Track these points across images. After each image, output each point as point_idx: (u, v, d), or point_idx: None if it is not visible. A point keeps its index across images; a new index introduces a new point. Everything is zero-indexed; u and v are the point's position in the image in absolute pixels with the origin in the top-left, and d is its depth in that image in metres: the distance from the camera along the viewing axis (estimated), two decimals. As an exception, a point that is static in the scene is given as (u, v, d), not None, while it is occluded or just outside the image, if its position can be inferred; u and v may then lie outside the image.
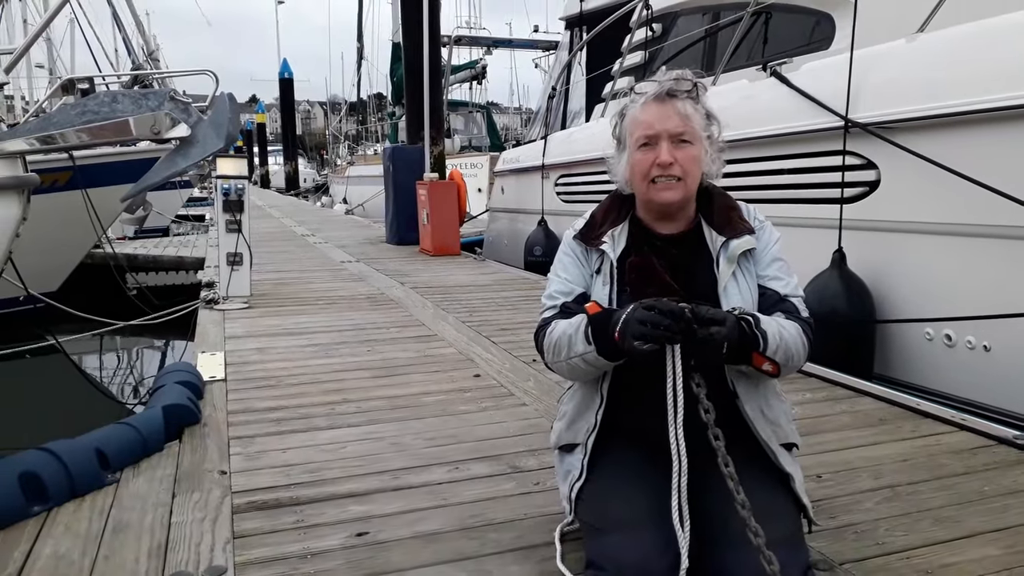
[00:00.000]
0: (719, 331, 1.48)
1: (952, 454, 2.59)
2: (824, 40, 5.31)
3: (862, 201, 4.10)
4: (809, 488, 1.79)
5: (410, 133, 10.61)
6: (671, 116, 1.66)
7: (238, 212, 5.82)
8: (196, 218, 18.64)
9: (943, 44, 3.82)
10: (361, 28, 32.90)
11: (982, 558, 1.88)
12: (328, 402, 3.26)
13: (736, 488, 1.44)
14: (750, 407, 1.68)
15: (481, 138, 23.36)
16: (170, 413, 2.78)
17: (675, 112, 1.66)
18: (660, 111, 1.67)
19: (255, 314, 5.32)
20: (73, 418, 5.48)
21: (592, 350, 1.62)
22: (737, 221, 1.75)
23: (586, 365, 1.67)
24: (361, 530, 2.07)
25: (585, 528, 1.73)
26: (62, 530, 2.08)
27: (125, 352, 9.22)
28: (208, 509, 2.20)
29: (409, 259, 8.65)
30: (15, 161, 3.05)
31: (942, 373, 3.76)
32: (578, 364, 1.68)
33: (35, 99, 17.62)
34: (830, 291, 3.96)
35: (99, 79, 8.69)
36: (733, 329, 1.50)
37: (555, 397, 2.00)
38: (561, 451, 1.88)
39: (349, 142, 37.06)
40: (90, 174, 7.53)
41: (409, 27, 10.20)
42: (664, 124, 1.66)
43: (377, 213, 14.13)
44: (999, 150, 3.43)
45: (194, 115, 3.08)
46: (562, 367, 1.74)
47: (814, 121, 4.32)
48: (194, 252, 10.65)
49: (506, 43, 27.38)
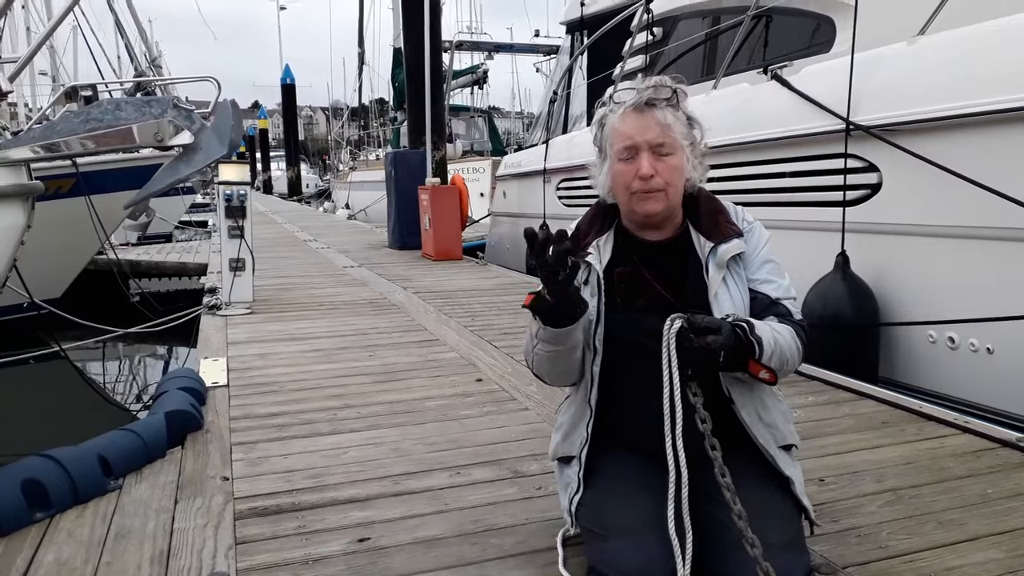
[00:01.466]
0: (715, 340, 1.47)
1: (955, 457, 2.58)
2: (825, 43, 5.30)
3: (864, 204, 4.10)
4: (811, 491, 1.79)
5: (412, 138, 10.62)
6: (651, 127, 1.63)
7: (240, 218, 5.84)
8: (199, 224, 18.69)
9: (944, 46, 3.81)
10: (362, 33, 33.02)
11: (986, 561, 1.88)
12: (330, 407, 3.26)
13: (733, 499, 1.44)
14: (746, 412, 1.67)
15: (483, 142, 23.39)
16: (172, 419, 2.78)
17: (655, 122, 1.64)
18: (639, 121, 1.64)
19: (257, 320, 5.33)
20: (76, 424, 5.49)
21: (539, 324, 1.63)
22: (724, 225, 1.73)
23: (544, 346, 1.67)
24: (363, 536, 2.07)
25: (586, 534, 1.72)
26: (64, 536, 2.08)
27: (128, 358, 9.24)
28: (210, 515, 2.20)
29: (411, 264, 8.66)
30: (20, 169, 3.05)
31: (946, 376, 3.74)
32: (540, 351, 1.69)
33: (38, 106, 17.70)
34: (834, 294, 3.95)
35: (102, 86, 8.70)
36: (729, 337, 1.49)
37: (557, 402, 2.00)
38: (559, 463, 1.88)
39: (351, 147, 37.13)
40: (93, 181, 7.54)
41: (410, 32, 10.22)
42: (644, 135, 1.63)
43: (379, 218, 14.15)
44: (1001, 152, 3.43)
45: (197, 122, 3.08)
46: (536, 365, 1.76)
47: (815, 124, 4.31)
48: (196, 258, 10.69)
49: (507, 48, 27.45)
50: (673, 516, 1.51)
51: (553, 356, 1.70)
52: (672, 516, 1.51)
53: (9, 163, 2.96)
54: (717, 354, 1.47)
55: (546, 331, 1.63)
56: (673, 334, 1.49)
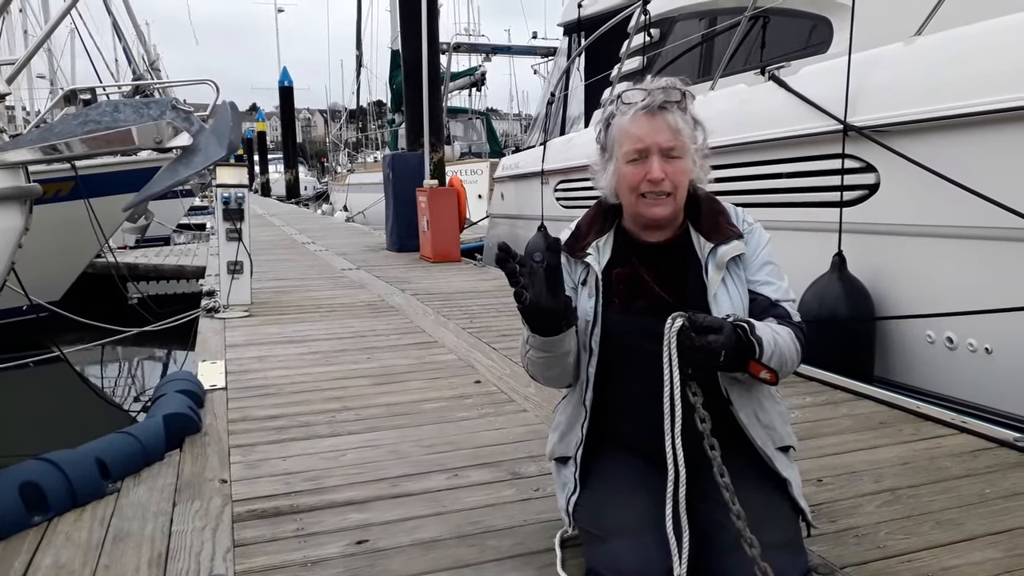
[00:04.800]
0: (717, 339, 1.46)
1: (953, 457, 2.59)
2: (822, 44, 5.31)
3: (862, 204, 4.10)
4: (809, 492, 1.79)
5: (410, 140, 10.63)
6: (662, 130, 1.63)
7: (238, 220, 5.84)
8: (197, 227, 18.67)
9: (941, 47, 3.82)
10: (360, 36, 33.06)
11: (983, 561, 1.88)
12: (328, 410, 3.26)
13: (731, 499, 1.44)
14: (744, 413, 1.67)
15: (481, 144, 23.42)
16: (171, 422, 2.78)
17: (666, 126, 1.63)
18: (651, 125, 1.63)
19: (256, 322, 5.33)
20: (74, 427, 5.48)
21: (528, 330, 1.66)
22: (725, 226, 1.72)
23: (535, 353, 1.69)
24: (361, 538, 2.07)
25: (584, 536, 1.73)
26: (62, 540, 2.08)
27: (126, 361, 9.22)
28: (209, 518, 2.20)
29: (409, 266, 8.66)
30: (17, 172, 3.04)
31: (944, 376, 3.75)
32: (532, 357, 1.72)
33: (36, 110, 17.67)
34: (830, 294, 3.96)
35: (100, 89, 8.69)
36: (731, 337, 1.49)
37: (555, 403, 2.00)
38: (557, 463, 1.88)
39: (349, 150, 37.16)
40: (92, 184, 7.53)
41: (408, 34, 10.23)
42: (655, 138, 1.63)
43: (377, 220, 14.15)
44: (998, 153, 3.43)
45: (196, 124, 3.08)
46: (530, 368, 1.77)
47: (812, 125, 4.32)
48: (195, 261, 10.68)
49: (505, 50, 27.48)
50: (671, 515, 1.51)
51: (544, 361, 1.71)
52: (671, 515, 1.51)
53: (6, 165, 2.95)
54: (718, 353, 1.47)
55: (535, 338, 1.66)
56: (675, 333, 1.49)
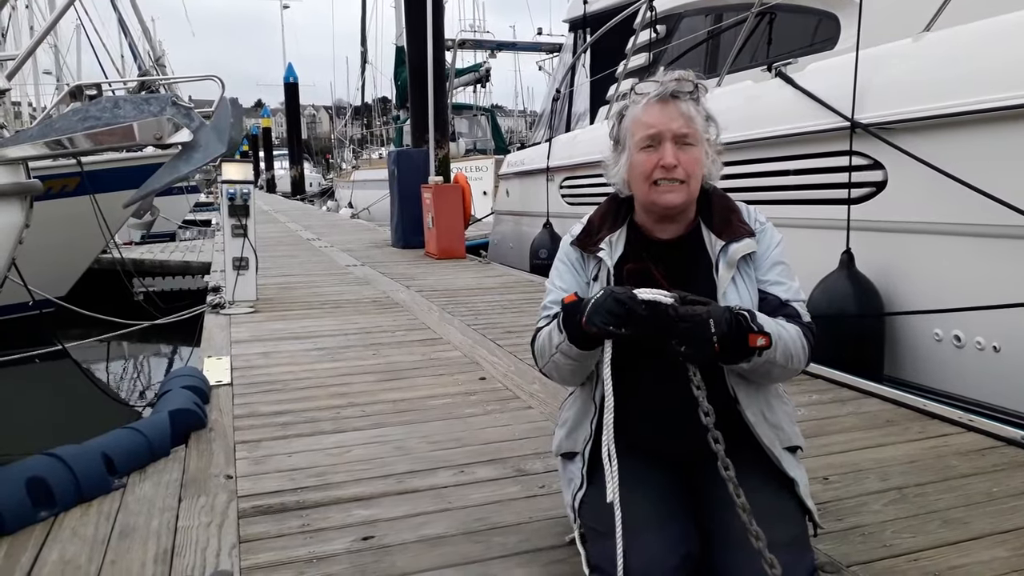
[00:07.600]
0: (702, 309, 1.46)
1: (960, 455, 2.57)
2: (829, 40, 5.29)
3: (869, 201, 4.09)
4: (816, 490, 1.79)
5: (415, 136, 10.63)
6: (675, 117, 1.64)
7: (244, 217, 5.84)
8: (203, 223, 18.71)
9: (949, 43, 3.80)
10: (365, 32, 33.02)
11: (990, 560, 1.87)
12: (334, 406, 3.26)
13: (736, 491, 1.43)
14: (751, 412, 1.66)
15: (486, 141, 23.39)
16: (176, 418, 2.79)
17: (679, 113, 1.64)
18: (663, 112, 1.64)
19: (261, 318, 5.33)
20: (80, 423, 5.50)
21: (564, 338, 1.62)
22: (737, 224, 1.72)
23: (564, 359, 1.66)
24: (367, 534, 2.07)
25: (588, 533, 1.72)
26: (69, 535, 2.09)
27: (132, 357, 9.25)
28: (214, 514, 2.20)
29: (414, 262, 8.66)
30: (17, 167, 3.03)
31: (951, 374, 3.73)
32: (559, 360, 1.68)
33: (43, 106, 17.72)
34: (839, 292, 3.94)
35: (106, 85, 8.71)
36: (718, 308, 1.48)
37: (560, 400, 2.00)
38: (563, 459, 1.87)
39: (354, 146, 37.18)
40: (98, 179, 7.55)
41: (413, 31, 10.21)
42: (668, 124, 1.63)
43: (382, 217, 14.17)
44: (1006, 150, 3.41)
45: (196, 120, 3.07)
46: (550, 368, 1.74)
47: (820, 121, 4.30)
48: (200, 257, 10.70)
49: (510, 46, 27.47)
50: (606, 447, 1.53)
51: (572, 367, 1.70)
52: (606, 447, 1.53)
53: (6, 161, 2.94)
54: (706, 323, 1.45)
55: (572, 348, 1.63)
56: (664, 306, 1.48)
